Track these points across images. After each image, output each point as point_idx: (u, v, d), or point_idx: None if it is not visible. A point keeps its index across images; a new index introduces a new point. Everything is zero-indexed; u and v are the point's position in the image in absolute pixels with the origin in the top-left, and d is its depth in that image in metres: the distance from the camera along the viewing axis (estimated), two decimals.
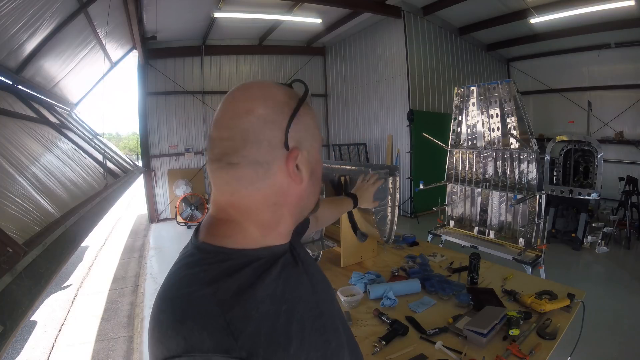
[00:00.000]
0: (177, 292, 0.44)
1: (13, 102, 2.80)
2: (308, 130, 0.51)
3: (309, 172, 0.51)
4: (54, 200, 1.68)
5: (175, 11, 5.60)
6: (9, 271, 0.88)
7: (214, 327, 0.39)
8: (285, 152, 0.47)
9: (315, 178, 0.54)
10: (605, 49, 6.87)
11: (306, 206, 0.55)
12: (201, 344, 0.38)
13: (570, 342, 1.37)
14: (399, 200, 1.81)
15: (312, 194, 0.55)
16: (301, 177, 0.49)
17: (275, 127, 0.46)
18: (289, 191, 0.49)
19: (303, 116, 0.49)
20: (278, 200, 0.49)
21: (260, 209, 0.49)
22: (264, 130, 0.46)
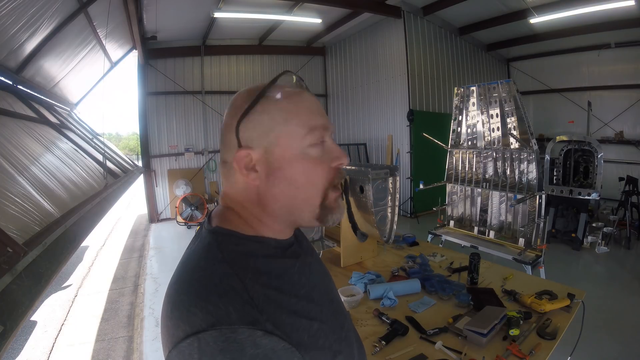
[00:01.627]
0: (197, 273, 0.44)
1: (13, 102, 2.80)
2: (263, 127, 0.49)
3: (268, 171, 0.49)
4: (54, 200, 1.68)
5: (175, 11, 5.59)
6: (9, 271, 0.87)
7: (239, 301, 0.41)
8: (236, 150, 0.49)
9: (284, 180, 0.49)
10: (605, 49, 6.87)
11: (287, 208, 0.51)
12: (228, 317, 0.39)
13: (570, 342, 1.37)
14: (399, 200, 1.82)
15: (289, 196, 0.50)
16: (255, 177, 0.49)
17: (230, 129, 0.50)
18: (250, 190, 0.51)
19: (260, 114, 0.49)
20: (248, 197, 0.51)
21: (243, 204, 0.52)
22: (225, 133, 0.51)
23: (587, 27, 6.38)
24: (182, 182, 7.18)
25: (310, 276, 0.53)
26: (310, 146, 0.49)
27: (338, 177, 0.52)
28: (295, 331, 0.43)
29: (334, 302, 0.57)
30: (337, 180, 0.52)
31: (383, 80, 7.16)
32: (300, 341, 0.43)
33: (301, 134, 0.49)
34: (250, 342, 0.38)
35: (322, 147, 0.51)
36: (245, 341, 0.38)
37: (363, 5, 6.10)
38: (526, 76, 8.44)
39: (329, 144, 0.52)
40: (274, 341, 0.40)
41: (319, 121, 0.50)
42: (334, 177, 0.51)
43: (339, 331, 0.52)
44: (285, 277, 0.49)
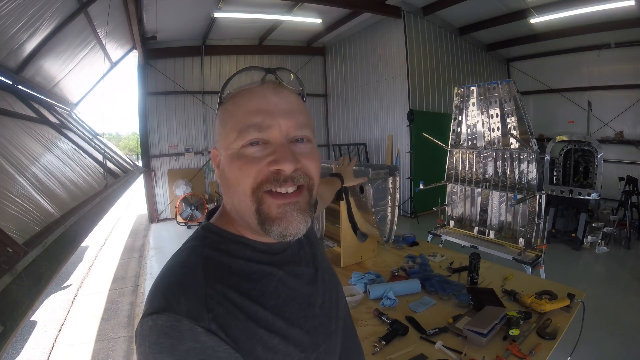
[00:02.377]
0: (174, 262, 0.47)
1: (13, 102, 2.80)
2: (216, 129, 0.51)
3: (219, 171, 0.51)
4: (54, 200, 1.68)
5: (175, 11, 5.59)
6: (9, 271, 0.87)
7: (192, 295, 0.42)
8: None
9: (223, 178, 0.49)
10: (605, 49, 6.87)
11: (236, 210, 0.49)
12: (177, 307, 0.41)
13: (570, 342, 1.37)
14: (399, 200, 1.82)
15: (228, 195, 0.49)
16: (219, 172, 0.51)
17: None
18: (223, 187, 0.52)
19: (217, 117, 0.51)
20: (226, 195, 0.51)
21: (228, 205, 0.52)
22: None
23: (587, 27, 6.38)
24: (182, 182, 7.18)
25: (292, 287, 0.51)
26: (245, 147, 0.46)
27: (275, 182, 0.46)
28: (247, 339, 0.42)
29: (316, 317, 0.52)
30: (271, 185, 0.46)
31: (383, 80, 7.16)
32: (251, 350, 0.42)
33: (233, 136, 0.47)
34: (190, 335, 0.39)
35: (263, 147, 0.47)
36: (186, 333, 0.39)
37: (363, 5, 6.10)
38: (526, 76, 8.44)
39: (274, 145, 0.47)
40: (215, 341, 0.40)
41: (254, 120, 0.46)
42: (265, 180, 0.46)
43: (314, 349, 0.49)
44: (259, 284, 0.47)
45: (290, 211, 0.47)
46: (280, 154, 0.46)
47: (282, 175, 0.46)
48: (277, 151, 0.46)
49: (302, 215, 0.48)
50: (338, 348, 0.55)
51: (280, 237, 0.47)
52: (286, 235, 0.47)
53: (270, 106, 0.48)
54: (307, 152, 0.50)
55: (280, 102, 0.49)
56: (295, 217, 0.47)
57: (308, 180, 0.49)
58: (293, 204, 0.47)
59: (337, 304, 0.60)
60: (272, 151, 0.46)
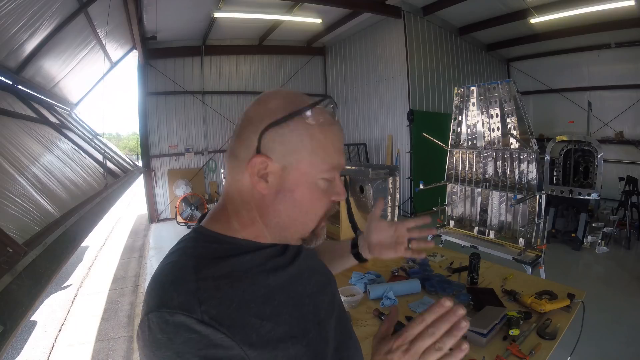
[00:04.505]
0: (168, 263, 0.49)
1: (13, 102, 2.80)
2: (291, 144, 0.48)
3: (279, 187, 0.49)
4: (54, 200, 1.68)
5: (175, 11, 5.60)
6: (9, 271, 0.87)
7: (184, 290, 0.44)
8: (253, 154, 0.48)
9: (291, 200, 0.50)
10: (605, 49, 6.87)
11: (284, 225, 0.52)
12: (170, 302, 0.43)
13: (570, 342, 1.37)
14: (399, 200, 1.82)
15: (283, 215, 0.51)
16: (264, 187, 0.49)
17: (254, 129, 0.48)
18: (254, 195, 0.51)
19: (291, 131, 0.48)
20: (247, 199, 0.52)
21: (238, 203, 0.52)
22: (246, 128, 0.49)
23: (587, 27, 6.37)
24: (182, 182, 7.18)
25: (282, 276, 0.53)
26: (323, 179, 0.51)
27: (331, 210, 0.55)
28: (240, 327, 0.44)
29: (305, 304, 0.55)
30: (329, 212, 0.55)
31: (383, 80, 7.16)
32: (245, 338, 0.44)
33: (321, 168, 0.50)
34: (185, 327, 0.41)
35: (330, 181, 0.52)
36: (180, 325, 0.41)
37: (363, 5, 6.10)
38: (526, 76, 8.44)
39: (336, 180, 0.53)
40: (209, 330, 0.42)
41: (340, 160, 0.52)
42: (330, 210, 0.54)
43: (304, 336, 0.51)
44: (249, 275, 0.49)
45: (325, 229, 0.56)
46: (341, 189, 0.54)
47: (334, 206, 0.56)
48: (338, 187, 0.54)
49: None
50: (331, 338, 0.57)
51: (312, 245, 0.55)
52: (316, 245, 0.56)
53: (342, 146, 0.54)
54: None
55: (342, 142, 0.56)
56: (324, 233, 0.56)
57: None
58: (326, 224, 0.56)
59: (329, 295, 0.62)
60: (334, 186, 0.53)
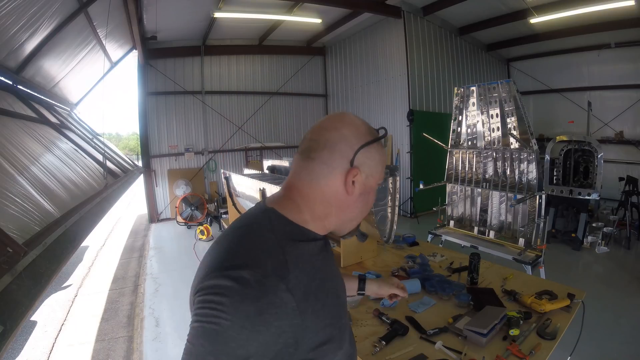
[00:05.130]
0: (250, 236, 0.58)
1: (13, 102, 2.80)
2: (373, 161, 0.64)
3: (360, 190, 0.63)
4: (54, 200, 1.68)
5: (175, 11, 5.59)
6: (9, 271, 0.87)
7: (277, 260, 0.53)
8: (348, 166, 0.61)
9: (364, 201, 0.66)
10: (605, 49, 6.87)
11: (349, 220, 0.67)
12: (265, 267, 0.51)
13: (570, 342, 1.37)
14: (399, 200, 1.81)
15: (357, 211, 0.66)
16: (352, 191, 0.62)
17: (349, 146, 0.61)
18: (339, 196, 0.63)
19: (374, 150, 0.63)
20: (330, 199, 0.63)
21: (316, 201, 0.62)
22: (340, 144, 0.61)
23: (587, 27, 6.38)
24: (182, 182, 7.18)
25: (326, 268, 0.63)
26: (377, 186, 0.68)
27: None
28: (304, 301, 0.53)
29: (339, 297, 0.65)
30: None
31: (383, 80, 7.16)
32: (304, 310, 0.53)
33: (381, 177, 0.67)
34: (273, 290, 0.50)
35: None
36: (270, 288, 0.50)
37: (363, 5, 6.10)
38: (526, 76, 8.44)
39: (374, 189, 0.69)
40: (288, 299, 0.51)
41: (384, 171, 0.69)
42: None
43: (337, 320, 0.61)
44: (311, 262, 0.59)
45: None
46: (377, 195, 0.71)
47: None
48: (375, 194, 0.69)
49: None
50: (348, 328, 0.67)
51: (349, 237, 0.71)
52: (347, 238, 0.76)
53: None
54: None
55: None
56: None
57: None
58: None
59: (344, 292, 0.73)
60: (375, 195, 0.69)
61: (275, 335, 0.49)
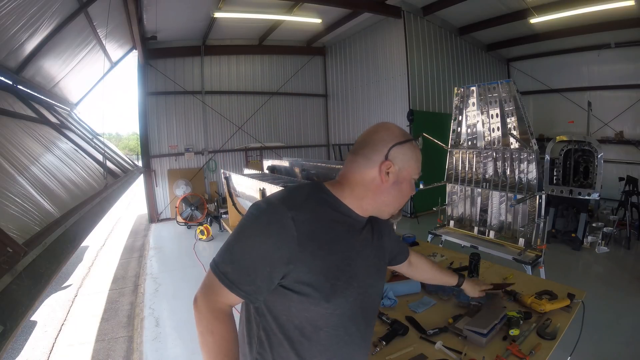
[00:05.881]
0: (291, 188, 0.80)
1: (13, 102, 2.80)
2: (405, 156, 0.78)
3: (393, 180, 0.77)
4: (54, 200, 1.68)
5: (175, 11, 5.60)
6: (9, 271, 0.87)
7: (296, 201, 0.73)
8: (383, 159, 0.76)
9: (398, 189, 0.79)
10: (605, 49, 6.87)
11: (384, 204, 0.80)
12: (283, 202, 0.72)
13: (570, 342, 1.37)
14: None
15: (391, 197, 0.79)
16: (386, 179, 0.77)
17: (385, 144, 0.77)
18: (376, 183, 0.77)
19: (406, 148, 0.78)
20: (368, 185, 0.78)
21: (357, 184, 0.78)
22: (379, 143, 0.78)
23: (587, 27, 6.38)
24: (182, 182, 7.18)
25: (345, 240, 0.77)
26: (412, 180, 0.80)
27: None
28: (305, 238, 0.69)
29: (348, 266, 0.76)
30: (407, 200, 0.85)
31: (383, 80, 7.16)
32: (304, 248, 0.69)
33: (415, 172, 0.80)
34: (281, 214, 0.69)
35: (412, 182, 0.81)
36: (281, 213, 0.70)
37: (363, 5, 6.10)
38: (526, 76, 8.44)
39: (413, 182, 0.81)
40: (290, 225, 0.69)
41: (419, 169, 0.81)
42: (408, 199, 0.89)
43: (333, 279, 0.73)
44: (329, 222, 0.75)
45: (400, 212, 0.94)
46: (413, 187, 0.82)
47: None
48: (414, 187, 0.82)
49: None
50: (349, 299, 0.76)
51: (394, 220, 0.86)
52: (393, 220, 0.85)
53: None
54: None
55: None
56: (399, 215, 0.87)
57: None
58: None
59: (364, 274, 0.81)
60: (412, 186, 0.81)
61: (275, 246, 0.68)
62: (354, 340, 0.80)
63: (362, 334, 0.82)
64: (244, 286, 0.69)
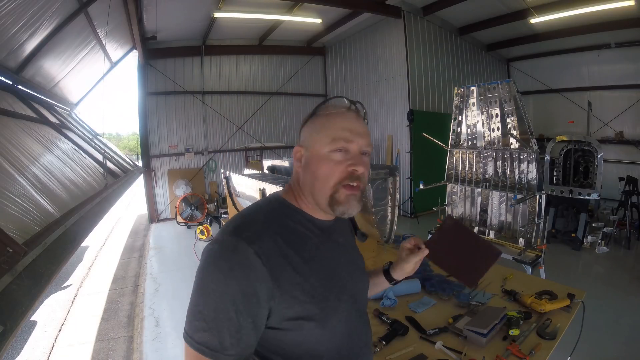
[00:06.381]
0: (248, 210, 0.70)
1: (13, 102, 2.80)
2: (312, 131, 0.71)
3: (304, 164, 0.71)
4: (54, 200, 1.68)
5: (175, 11, 5.59)
6: (9, 271, 0.87)
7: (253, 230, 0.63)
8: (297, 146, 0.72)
9: (309, 172, 0.69)
10: (605, 49, 6.86)
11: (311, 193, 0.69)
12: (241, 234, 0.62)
13: (570, 342, 1.37)
14: (399, 200, 1.82)
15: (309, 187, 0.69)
16: (299, 166, 0.72)
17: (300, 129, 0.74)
18: (298, 174, 0.73)
19: (310, 124, 0.72)
20: (295, 178, 0.73)
21: (294, 183, 0.73)
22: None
23: (587, 27, 6.37)
24: (182, 182, 7.18)
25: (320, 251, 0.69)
26: (332, 152, 0.67)
27: (351, 179, 0.67)
28: (279, 271, 0.61)
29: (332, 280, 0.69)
30: (348, 180, 0.67)
31: (383, 80, 7.16)
32: (279, 279, 0.60)
33: (325, 142, 0.68)
34: (243, 252, 0.59)
35: (345, 154, 0.68)
36: (241, 250, 0.59)
37: (363, 5, 6.10)
38: (526, 76, 8.44)
39: (353, 153, 0.68)
40: (258, 262, 0.59)
41: (344, 134, 0.68)
42: (345, 177, 0.67)
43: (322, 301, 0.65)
44: (300, 240, 0.67)
45: (352, 199, 0.68)
46: (357, 160, 0.68)
47: (355, 174, 0.68)
48: (354, 158, 0.68)
49: (358, 203, 0.70)
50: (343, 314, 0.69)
51: (343, 215, 0.69)
52: (344, 213, 0.68)
53: (353, 127, 0.69)
54: (367, 163, 0.72)
55: (359, 126, 0.71)
56: (354, 204, 0.69)
57: (364, 183, 0.70)
58: (354, 195, 0.68)
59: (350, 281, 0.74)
60: (351, 157, 0.68)
61: (248, 292, 0.58)
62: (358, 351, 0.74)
63: (365, 341, 0.77)
64: (231, 350, 0.57)
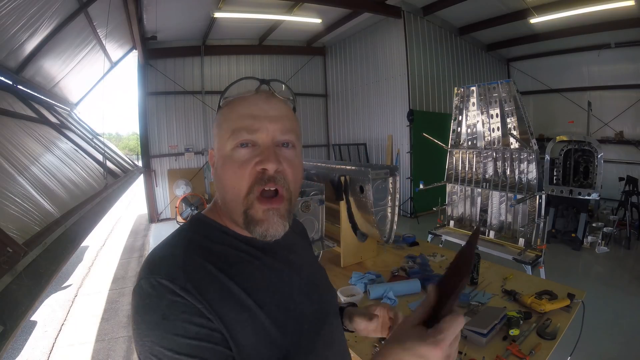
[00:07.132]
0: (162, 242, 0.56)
1: (13, 102, 2.80)
2: (217, 127, 0.56)
3: (216, 166, 0.56)
4: (54, 200, 1.68)
5: (175, 11, 5.59)
6: (9, 271, 0.88)
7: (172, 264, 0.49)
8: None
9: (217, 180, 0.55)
10: (605, 49, 6.87)
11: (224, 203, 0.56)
12: (158, 271, 0.48)
13: (570, 342, 1.37)
14: (399, 200, 1.82)
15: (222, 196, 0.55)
16: (213, 172, 0.57)
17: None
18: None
19: (217, 118, 0.57)
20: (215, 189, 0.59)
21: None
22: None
23: (587, 27, 6.37)
24: (182, 182, 7.18)
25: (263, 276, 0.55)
26: (235, 149, 0.52)
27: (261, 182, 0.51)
28: (221, 305, 0.48)
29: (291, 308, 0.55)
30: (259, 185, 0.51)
31: (383, 80, 7.16)
32: (223, 315, 0.47)
33: (227, 137, 0.53)
34: (169, 291, 0.45)
35: (252, 149, 0.52)
36: (165, 290, 0.45)
37: (363, 5, 6.10)
38: (526, 76, 8.44)
39: (262, 146, 0.52)
40: (192, 298, 0.46)
41: (245, 123, 0.52)
42: (254, 181, 0.51)
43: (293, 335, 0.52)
44: (235, 266, 0.53)
45: (272, 216, 0.52)
46: (265, 155, 0.51)
47: (266, 175, 0.51)
48: (262, 152, 0.51)
49: (282, 220, 0.53)
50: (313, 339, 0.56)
51: (261, 237, 0.53)
52: (266, 236, 0.53)
53: (260, 112, 0.53)
54: (290, 157, 0.54)
55: (270, 109, 0.54)
56: (276, 221, 0.53)
57: (287, 185, 0.53)
58: (275, 210, 0.52)
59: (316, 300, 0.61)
60: (259, 153, 0.51)
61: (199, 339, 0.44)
62: None
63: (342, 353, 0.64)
64: None
